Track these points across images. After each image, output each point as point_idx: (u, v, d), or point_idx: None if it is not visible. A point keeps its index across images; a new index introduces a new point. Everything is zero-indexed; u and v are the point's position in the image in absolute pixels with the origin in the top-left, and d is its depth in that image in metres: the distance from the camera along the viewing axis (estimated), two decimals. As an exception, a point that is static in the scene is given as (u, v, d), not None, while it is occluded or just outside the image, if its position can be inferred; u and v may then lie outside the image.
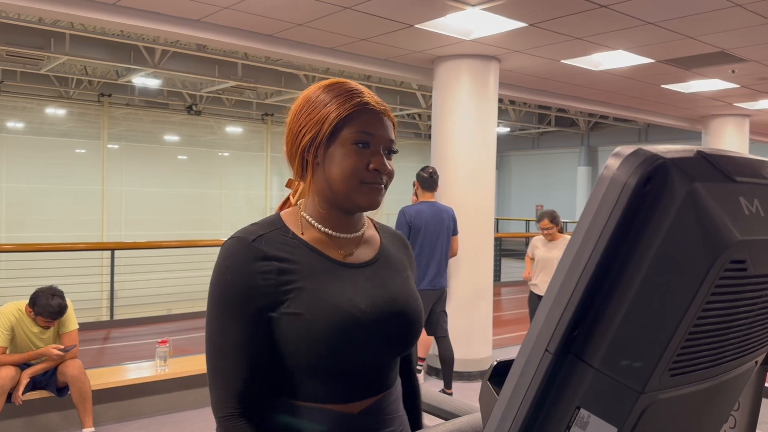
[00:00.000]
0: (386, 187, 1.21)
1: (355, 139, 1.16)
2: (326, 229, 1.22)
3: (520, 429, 0.68)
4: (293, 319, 1.13)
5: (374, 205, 1.19)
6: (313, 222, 1.22)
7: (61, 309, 4.07)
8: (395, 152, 1.22)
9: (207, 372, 1.17)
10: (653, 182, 0.61)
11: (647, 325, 0.63)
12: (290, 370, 1.16)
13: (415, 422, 1.43)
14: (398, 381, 1.32)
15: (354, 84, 1.22)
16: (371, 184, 1.17)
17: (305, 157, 1.19)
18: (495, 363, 0.80)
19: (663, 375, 0.64)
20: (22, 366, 4.10)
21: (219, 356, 1.14)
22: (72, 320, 4.25)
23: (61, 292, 4.12)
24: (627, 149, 0.63)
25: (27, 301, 4.11)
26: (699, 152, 0.64)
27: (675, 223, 0.61)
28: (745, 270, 0.63)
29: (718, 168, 0.64)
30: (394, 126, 1.23)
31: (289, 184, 1.32)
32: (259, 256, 1.14)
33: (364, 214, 1.31)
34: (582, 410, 0.66)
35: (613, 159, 0.63)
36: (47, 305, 4.01)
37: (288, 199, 1.33)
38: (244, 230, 1.18)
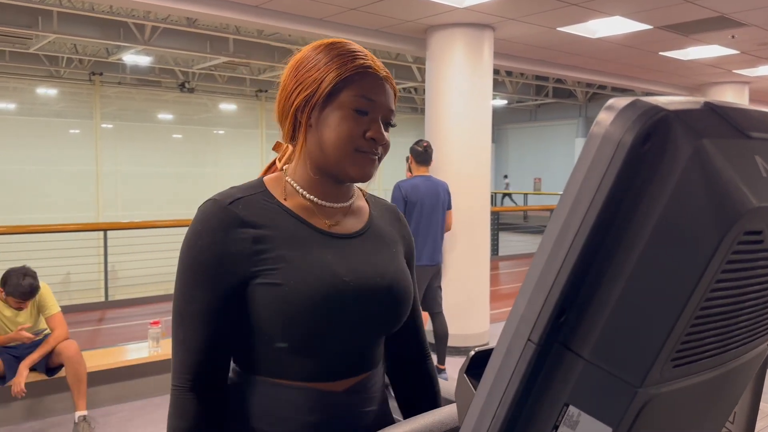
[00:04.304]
0: (380, 159, 1.13)
1: (354, 104, 1.08)
2: (312, 197, 1.14)
3: (501, 428, 0.59)
4: (270, 289, 1.05)
5: (366, 176, 1.12)
6: (298, 188, 1.14)
7: (33, 289, 3.96)
8: (393, 125, 1.14)
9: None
10: (653, 139, 0.51)
11: (647, 308, 0.53)
12: (267, 346, 1.09)
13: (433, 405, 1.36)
14: (382, 361, 1.25)
15: (357, 45, 1.14)
16: (366, 154, 1.10)
17: (298, 117, 1.11)
18: (472, 353, 0.71)
19: (665, 366, 0.54)
20: (16, 355, 4.01)
21: (181, 324, 1.08)
22: (52, 304, 4.15)
23: (34, 272, 4.01)
24: (622, 101, 0.53)
25: None
26: (707, 104, 0.54)
27: (679, 187, 0.51)
28: (761, 242, 0.53)
29: (730, 122, 0.54)
30: (395, 95, 1.15)
31: (276, 147, 1.23)
32: (234, 222, 1.06)
33: (356, 185, 1.23)
34: (571, 407, 0.57)
35: (606, 113, 0.53)
36: (18, 285, 3.91)
37: (273, 163, 1.25)
38: (221, 193, 1.11)
